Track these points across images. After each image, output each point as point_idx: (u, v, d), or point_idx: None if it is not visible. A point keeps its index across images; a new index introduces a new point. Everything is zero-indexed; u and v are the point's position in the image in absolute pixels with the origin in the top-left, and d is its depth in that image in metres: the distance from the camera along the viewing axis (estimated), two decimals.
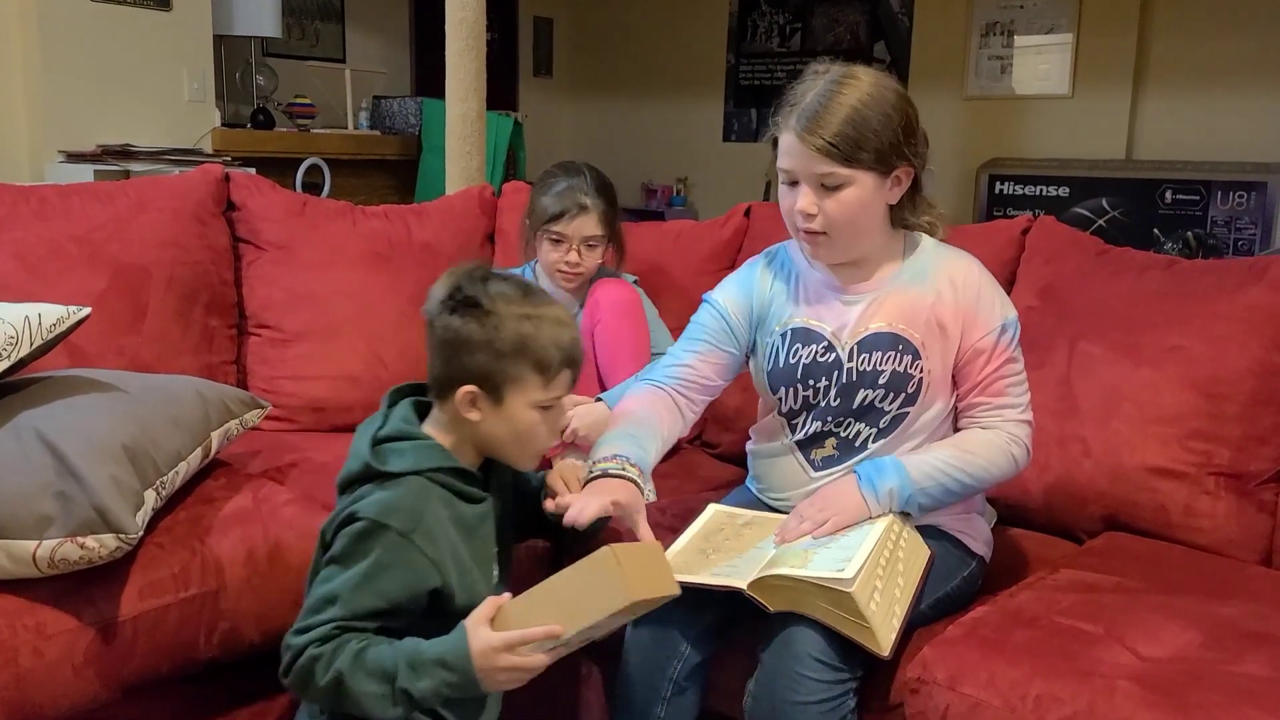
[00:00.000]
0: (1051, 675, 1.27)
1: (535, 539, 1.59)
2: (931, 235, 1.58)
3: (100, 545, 1.38)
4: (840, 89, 1.43)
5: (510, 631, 1.17)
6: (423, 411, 1.34)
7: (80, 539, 1.37)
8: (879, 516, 1.46)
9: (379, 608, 1.20)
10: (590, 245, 2.04)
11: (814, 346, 1.56)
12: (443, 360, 1.28)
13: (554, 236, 2.03)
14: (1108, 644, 1.32)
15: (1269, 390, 1.71)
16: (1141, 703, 1.21)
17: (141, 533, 1.44)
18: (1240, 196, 4.48)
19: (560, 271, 2.05)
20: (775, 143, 1.50)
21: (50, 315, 1.55)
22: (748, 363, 1.67)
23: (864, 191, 1.45)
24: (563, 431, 1.75)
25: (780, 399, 1.60)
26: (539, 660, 1.19)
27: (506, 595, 1.22)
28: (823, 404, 1.56)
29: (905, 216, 1.56)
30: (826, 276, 1.57)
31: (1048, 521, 1.84)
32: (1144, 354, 1.79)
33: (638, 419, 1.56)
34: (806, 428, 1.58)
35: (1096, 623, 1.37)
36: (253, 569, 1.59)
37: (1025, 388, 1.56)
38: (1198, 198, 4.57)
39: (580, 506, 1.36)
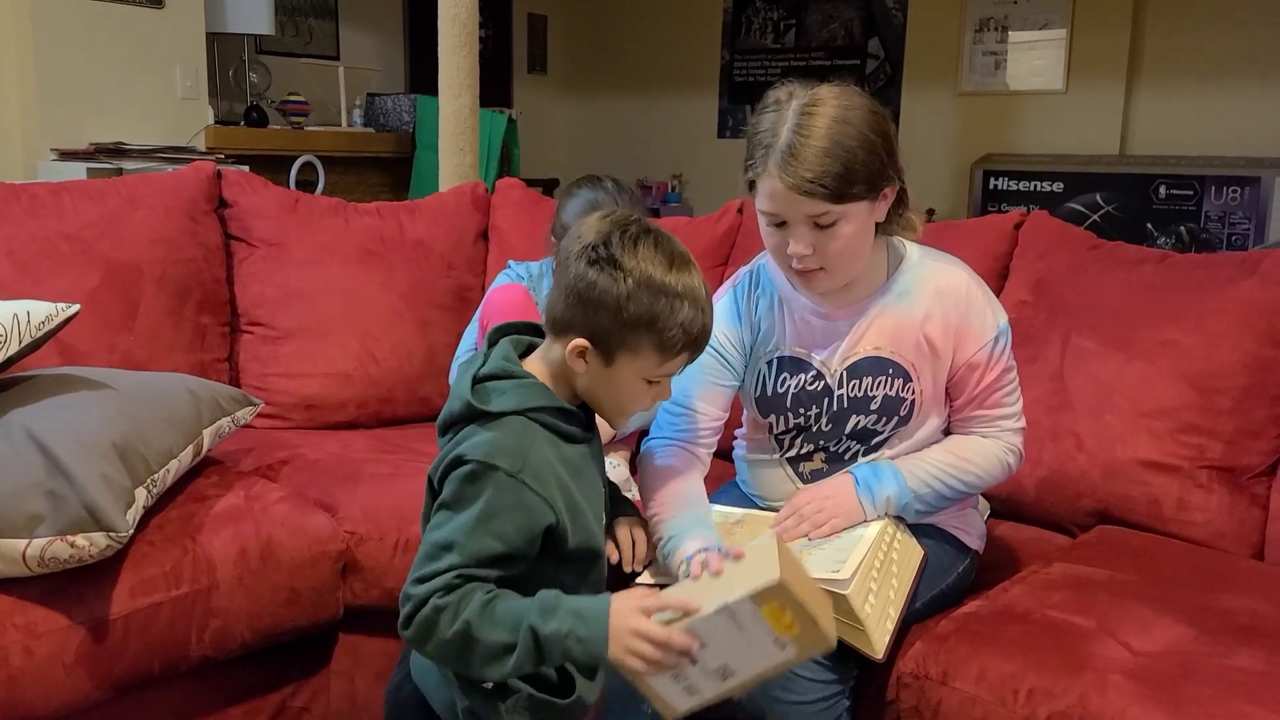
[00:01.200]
0: (1044, 669, 1.28)
1: None
2: (911, 233, 1.53)
3: (90, 544, 1.37)
4: (813, 119, 1.35)
5: (650, 598, 1.14)
6: (522, 350, 1.31)
7: (70, 537, 1.36)
8: (874, 520, 1.46)
9: (498, 551, 1.16)
10: None
11: (802, 376, 1.54)
12: (566, 304, 1.23)
13: None
14: (1100, 638, 1.32)
15: (1261, 384, 1.71)
16: (1134, 696, 1.21)
17: (132, 531, 1.43)
18: (1234, 192, 4.49)
19: None
20: (751, 185, 1.43)
21: (39, 313, 1.54)
22: None
23: (858, 222, 1.40)
24: None
25: (770, 424, 1.59)
26: (669, 634, 1.11)
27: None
28: (814, 429, 1.55)
29: (887, 224, 1.49)
30: (811, 302, 1.53)
31: (1040, 516, 1.84)
32: (1137, 348, 1.79)
33: (698, 500, 1.49)
34: (797, 447, 1.58)
35: (1089, 617, 1.37)
36: (244, 567, 1.59)
37: (1018, 394, 1.55)
38: (1191, 193, 4.57)
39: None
